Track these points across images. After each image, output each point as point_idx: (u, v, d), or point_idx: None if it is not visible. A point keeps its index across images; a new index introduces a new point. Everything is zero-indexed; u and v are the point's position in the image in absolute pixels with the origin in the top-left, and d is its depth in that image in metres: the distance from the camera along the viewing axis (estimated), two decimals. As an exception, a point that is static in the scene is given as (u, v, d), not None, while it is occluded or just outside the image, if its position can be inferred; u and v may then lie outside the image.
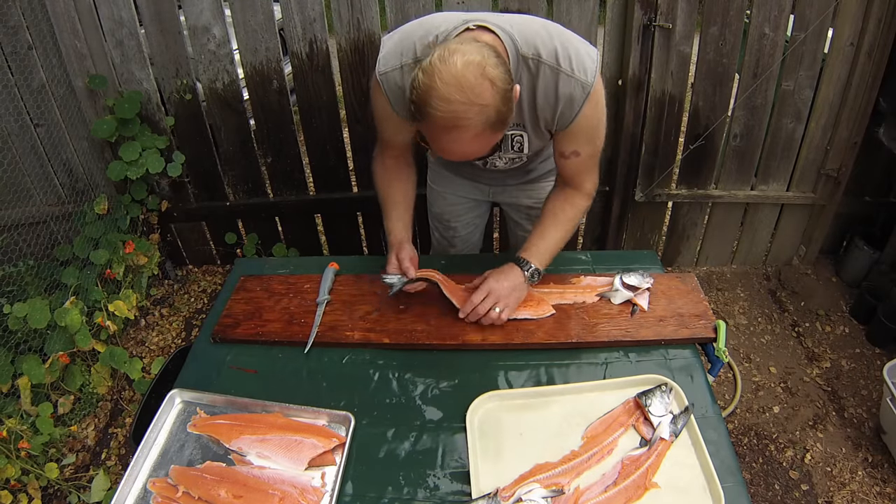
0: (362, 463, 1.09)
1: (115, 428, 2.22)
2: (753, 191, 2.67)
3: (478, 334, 1.33)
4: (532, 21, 1.22)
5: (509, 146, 1.38)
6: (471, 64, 0.98)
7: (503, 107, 1.02)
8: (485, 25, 1.15)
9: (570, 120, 1.23)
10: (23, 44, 2.13)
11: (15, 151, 2.25)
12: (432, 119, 1.01)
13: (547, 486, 1.01)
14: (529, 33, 1.17)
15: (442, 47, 1.01)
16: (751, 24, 2.25)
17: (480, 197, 1.76)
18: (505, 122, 1.06)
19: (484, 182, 1.70)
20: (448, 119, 1.00)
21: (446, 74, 0.97)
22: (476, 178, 1.70)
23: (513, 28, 1.17)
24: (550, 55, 1.16)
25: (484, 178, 1.67)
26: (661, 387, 1.16)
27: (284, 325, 1.39)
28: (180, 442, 1.14)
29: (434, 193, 1.81)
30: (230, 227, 2.84)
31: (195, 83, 2.40)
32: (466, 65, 0.97)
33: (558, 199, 1.41)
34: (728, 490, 0.99)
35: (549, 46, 1.16)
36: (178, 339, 2.63)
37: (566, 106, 1.20)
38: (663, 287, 1.45)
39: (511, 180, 1.67)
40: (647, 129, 2.42)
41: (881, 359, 2.38)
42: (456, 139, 1.04)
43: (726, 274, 2.92)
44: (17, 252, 2.19)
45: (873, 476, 1.98)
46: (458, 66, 0.97)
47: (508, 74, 1.03)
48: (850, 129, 2.44)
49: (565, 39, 1.18)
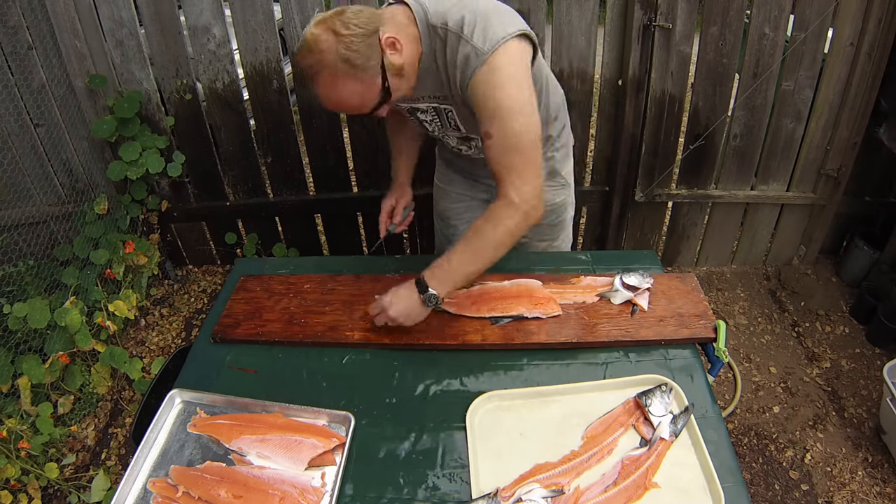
0: (362, 463, 1.09)
1: (115, 428, 2.22)
2: (753, 191, 2.67)
3: (478, 334, 1.33)
4: None
5: (447, 123, 1.41)
6: (318, 21, 1.14)
7: (347, 51, 1.12)
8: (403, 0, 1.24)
9: (465, 85, 1.21)
10: (23, 44, 2.13)
11: (15, 151, 2.25)
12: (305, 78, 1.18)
13: (547, 486, 1.01)
14: (442, 4, 1.23)
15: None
16: (751, 24, 2.25)
17: (482, 196, 1.77)
18: (355, 65, 1.13)
19: (481, 181, 1.71)
20: (305, 73, 1.17)
21: (303, 36, 1.15)
22: (475, 178, 1.71)
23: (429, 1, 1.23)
24: (456, 24, 1.19)
25: (481, 176, 1.69)
26: (661, 387, 1.16)
27: (284, 325, 1.39)
28: (180, 442, 1.14)
29: (438, 191, 1.84)
30: (230, 227, 2.84)
31: (195, 83, 2.40)
32: (316, 23, 1.13)
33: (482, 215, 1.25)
34: (728, 490, 0.99)
35: (457, 16, 1.20)
36: (178, 339, 2.63)
37: (462, 69, 1.20)
38: (663, 287, 1.45)
39: None
40: (647, 129, 2.42)
41: (881, 359, 2.38)
42: (319, 90, 1.18)
43: (726, 274, 2.92)
44: (17, 252, 2.19)
45: (873, 476, 1.98)
46: (309, 26, 1.14)
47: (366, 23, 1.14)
48: (850, 129, 2.44)
49: (479, 9, 1.20)
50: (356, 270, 1.56)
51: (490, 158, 1.24)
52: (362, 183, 2.67)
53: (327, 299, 1.46)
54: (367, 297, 1.45)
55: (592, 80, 2.38)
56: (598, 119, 2.48)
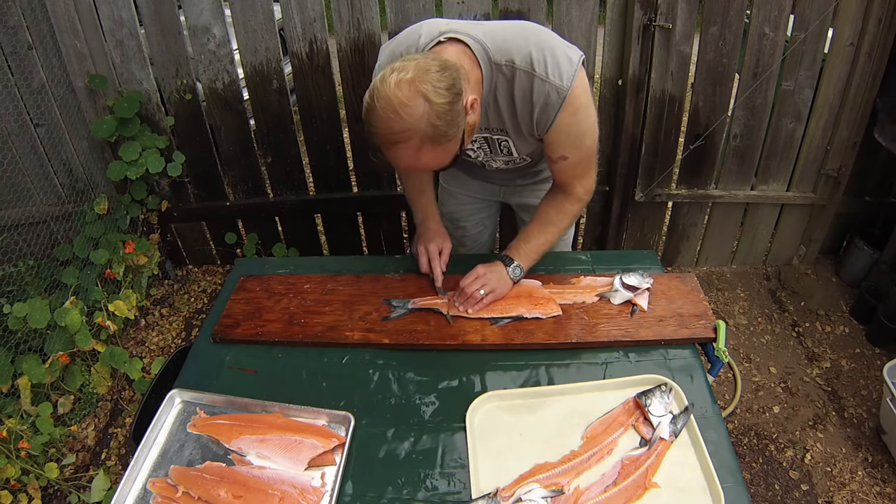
0: (362, 463, 1.09)
1: (115, 428, 2.22)
2: (753, 191, 2.67)
3: (478, 334, 1.33)
4: (510, 26, 1.23)
5: (498, 150, 1.39)
6: (403, 82, 1.01)
7: (439, 120, 1.03)
8: (456, 37, 1.17)
9: (548, 125, 1.23)
10: (23, 44, 2.13)
11: (15, 151, 2.25)
12: (374, 137, 1.07)
13: (547, 486, 1.01)
14: (503, 40, 1.18)
15: (389, 67, 1.05)
16: (751, 24, 2.25)
17: (491, 197, 1.77)
18: (445, 134, 1.06)
19: (495, 182, 1.71)
20: (385, 136, 1.05)
21: (382, 93, 1.02)
22: (487, 179, 1.70)
23: (486, 36, 1.18)
24: (525, 60, 1.17)
25: (495, 178, 1.68)
26: (660, 387, 1.16)
27: (284, 325, 1.39)
28: (180, 442, 1.14)
29: (445, 193, 1.83)
30: (230, 227, 2.84)
31: (195, 83, 2.40)
32: (399, 83, 1.01)
33: (548, 204, 1.43)
34: (728, 490, 0.99)
35: (523, 52, 1.17)
36: (178, 339, 2.63)
37: (542, 111, 1.20)
38: (663, 287, 1.45)
39: (521, 180, 1.67)
40: (647, 129, 2.42)
41: (881, 359, 2.38)
42: (398, 154, 1.08)
43: (726, 274, 2.92)
44: (17, 252, 2.19)
45: (873, 476, 1.98)
46: (391, 85, 1.01)
47: (453, 86, 1.05)
48: (850, 129, 2.44)
49: (542, 43, 1.18)
50: (356, 270, 1.56)
51: (560, 173, 1.36)
52: (362, 183, 2.67)
53: (327, 299, 1.46)
54: (367, 296, 1.45)
55: (592, 80, 2.38)
56: (598, 119, 2.48)
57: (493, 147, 1.39)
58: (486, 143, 1.38)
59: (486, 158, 1.47)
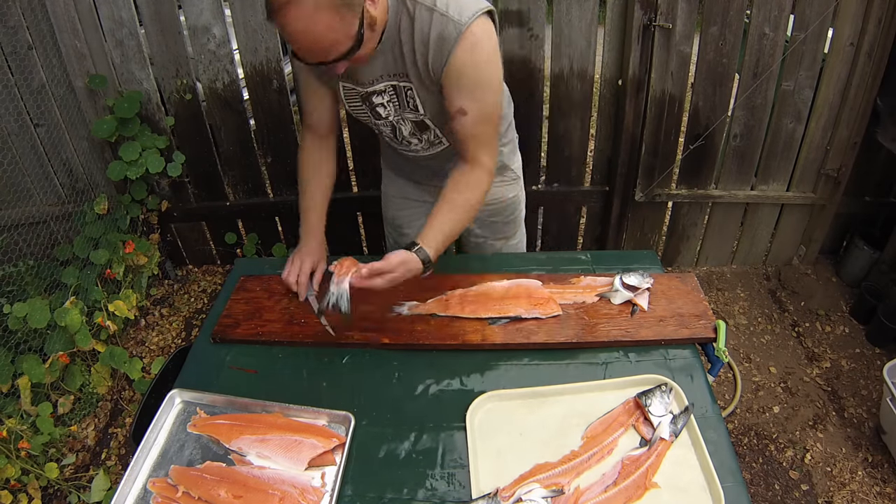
0: (362, 463, 1.09)
1: (115, 428, 2.22)
2: (753, 191, 2.67)
3: (478, 334, 1.33)
4: None
5: (405, 104, 1.34)
6: None
7: None
8: None
9: (443, 62, 1.18)
10: (23, 44, 2.13)
11: (15, 151, 2.25)
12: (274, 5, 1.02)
13: (547, 486, 1.01)
14: None
15: None
16: (751, 24, 2.25)
17: (431, 199, 1.71)
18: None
19: (433, 184, 1.63)
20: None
21: None
22: (424, 180, 1.66)
23: None
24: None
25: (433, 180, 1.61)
26: (661, 387, 1.15)
27: (284, 325, 1.39)
28: (180, 442, 1.14)
29: (387, 198, 1.80)
30: (230, 227, 2.84)
31: (195, 83, 2.40)
32: None
33: (454, 180, 1.33)
34: (728, 490, 0.99)
35: None
36: (178, 339, 2.63)
37: (437, 46, 1.18)
38: (663, 287, 1.45)
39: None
40: (647, 129, 2.42)
41: (881, 359, 2.38)
42: (292, 15, 1.03)
43: (726, 274, 2.92)
44: (17, 252, 2.19)
45: (873, 476, 1.98)
46: None
47: None
48: (850, 129, 2.44)
49: None
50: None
51: (460, 132, 1.27)
52: (362, 183, 2.67)
53: (327, 299, 1.45)
54: (368, 296, 1.45)
55: (592, 80, 2.38)
56: (598, 119, 2.49)
57: (401, 99, 1.33)
58: (396, 95, 1.33)
59: (396, 117, 1.39)
